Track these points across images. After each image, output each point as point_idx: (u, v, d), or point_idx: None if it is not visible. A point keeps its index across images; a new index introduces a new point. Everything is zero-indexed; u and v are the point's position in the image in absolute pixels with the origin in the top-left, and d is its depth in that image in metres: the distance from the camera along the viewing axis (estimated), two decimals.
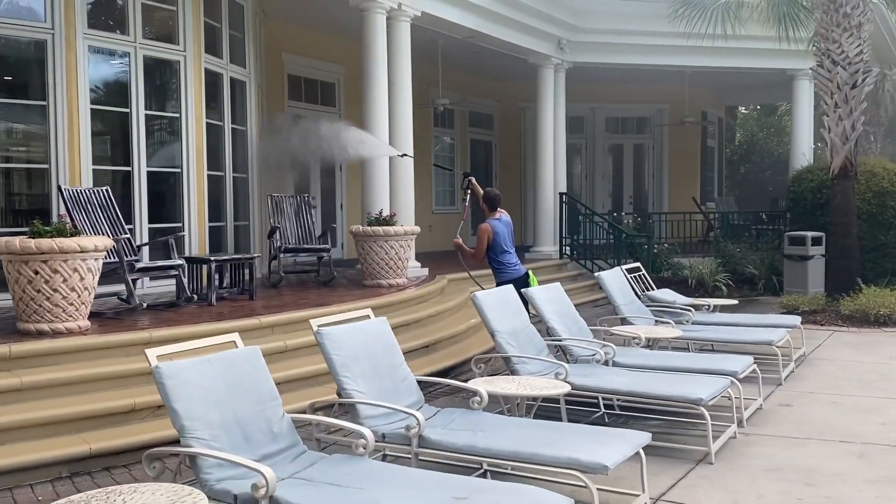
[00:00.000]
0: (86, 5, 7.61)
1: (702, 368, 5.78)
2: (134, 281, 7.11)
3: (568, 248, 13.94)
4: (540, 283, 12.13)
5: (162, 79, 8.54)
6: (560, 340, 6.11)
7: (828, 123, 11.33)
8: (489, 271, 7.37)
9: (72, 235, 5.75)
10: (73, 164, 7.54)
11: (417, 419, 3.82)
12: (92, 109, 7.70)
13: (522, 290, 6.39)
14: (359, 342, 4.35)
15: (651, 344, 6.91)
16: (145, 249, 8.08)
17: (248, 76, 9.99)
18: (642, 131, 18.72)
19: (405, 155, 9.50)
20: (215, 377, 3.52)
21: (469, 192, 7.66)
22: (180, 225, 8.63)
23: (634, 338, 6.61)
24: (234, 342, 3.85)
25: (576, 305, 11.65)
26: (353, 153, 8.84)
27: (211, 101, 9.13)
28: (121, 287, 7.17)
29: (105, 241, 5.86)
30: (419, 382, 4.67)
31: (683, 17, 12.40)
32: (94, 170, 7.73)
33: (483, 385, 4.56)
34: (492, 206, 7.12)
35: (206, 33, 8.96)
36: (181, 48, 8.53)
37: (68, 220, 5.90)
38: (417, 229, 9.30)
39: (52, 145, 7.44)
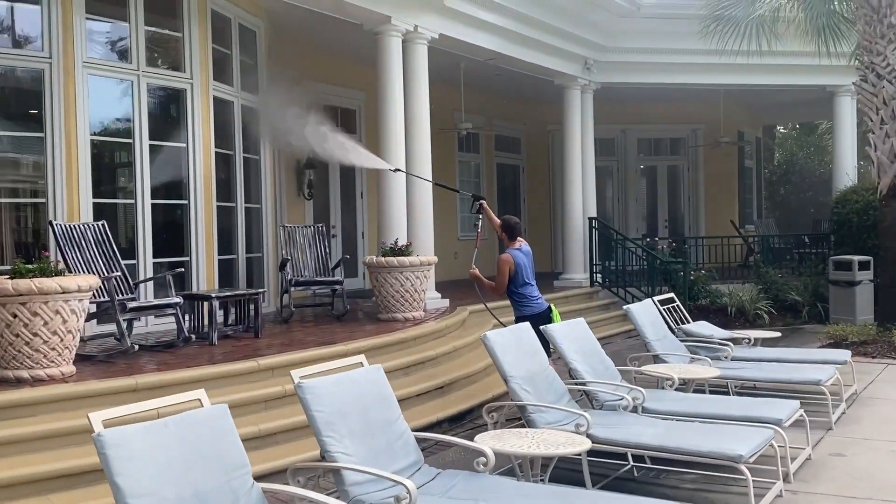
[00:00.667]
0: (85, 32, 7.32)
1: (742, 416, 5.17)
2: (130, 321, 6.74)
3: (599, 275, 13.34)
4: (570, 313, 11.73)
5: (167, 108, 8.23)
6: (583, 384, 5.55)
7: (873, 141, 10.65)
8: (507, 302, 6.86)
9: (56, 274, 5.38)
10: (72, 197, 7.22)
11: (408, 489, 3.30)
12: (92, 140, 7.40)
13: (542, 327, 5.86)
14: (347, 395, 3.86)
15: (686, 385, 6.31)
16: (149, 285, 7.75)
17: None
18: (676, 153, 18.09)
19: (398, 170, 9.02)
20: (172, 444, 3.06)
21: (481, 217, 7.17)
22: (187, 259, 8.27)
23: (667, 379, 6.02)
24: (200, 400, 3.39)
25: (607, 337, 11.25)
26: (339, 158, 8.30)
27: (221, 130, 8.81)
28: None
29: (91, 280, 5.48)
30: (419, 438, 4.16)
31: (715, 33, 11.87)
32: (94, 203, 7.39)
33: (491, 442, 4.04)
34: (511, 234, 6.61)
35: (216, 60, 8.64)
36: (187, 76, 8.22)
37: (52, 257, 5.52)
38: (434, 259, 8.83)
39: (49, 178, 7.12)
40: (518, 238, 6.64)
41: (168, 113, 8.22)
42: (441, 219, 13.07)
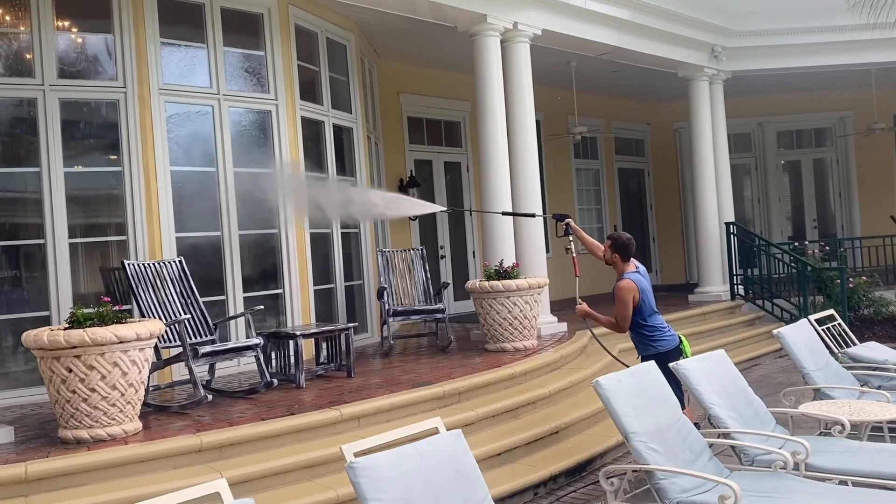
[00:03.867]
0: (161, 58, 6.93)
1: None
2: (212, 364, 6.22)
3: (740, 286, 11.92)
4: (710, 332, 10.40)
5: (251, 131, 7.74)
6: (727, 436, 4.47)
7: None
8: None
9: (115, 321, 4.87)
10: (153, 233, 6.81)
11: None
12: (172, 171, 6.98)
13: (672, 364, 4.81)
14: (415, 476, 3.02)
15: (859, 428, 5.07)
16: (241, 323, 7.23)
17: (355, 121, 9.07)
18: (822, 144, 16.24)
19: (452, 209, 8.12)
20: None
21: (571, 239, 6.02)
22: (280, 291, 7.74)
23: (835, 423, 4.82)
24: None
25: (754, 359, 9.86)
26: (381, 212, 7.42)
27: (312, 152, 8.27)
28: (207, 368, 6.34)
29: (151, 327, 4.93)
30: None
31: (864, 4, 10.29)
32: (177, 237, 6.97)
33: None
34: (625, 254, 5.51)
35: (303, 78, 8.13)
36: (272, 96, 7.72)
37: (112, 301, 5.02)
38: (545, 281, 7.89)
39: (128, 213, 6.75)
40: (632, 258, 5.56)
41: (253, 137, 7.72)
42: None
